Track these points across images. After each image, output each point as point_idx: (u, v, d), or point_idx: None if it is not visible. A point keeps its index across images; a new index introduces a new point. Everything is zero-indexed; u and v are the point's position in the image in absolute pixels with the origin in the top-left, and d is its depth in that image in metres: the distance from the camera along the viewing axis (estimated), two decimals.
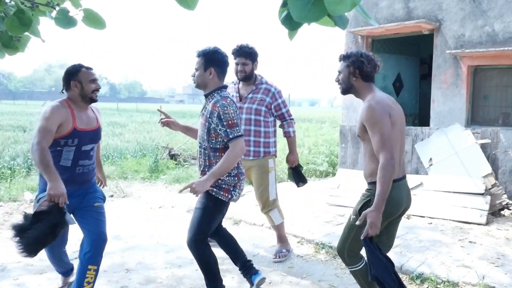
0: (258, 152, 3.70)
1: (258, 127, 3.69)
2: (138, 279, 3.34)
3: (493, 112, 6.28)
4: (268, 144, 3.74)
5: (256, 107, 3.66)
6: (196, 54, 2.79)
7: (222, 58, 2.74)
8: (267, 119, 3.71)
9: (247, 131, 3.63)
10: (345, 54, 2.56)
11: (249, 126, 3.66)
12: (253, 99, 3.66)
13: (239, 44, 3.66)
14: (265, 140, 3.72)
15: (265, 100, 3.67)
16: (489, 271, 3.37)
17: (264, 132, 3.71)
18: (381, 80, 7.64)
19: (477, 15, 6.07)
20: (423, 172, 5.78)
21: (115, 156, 9.64)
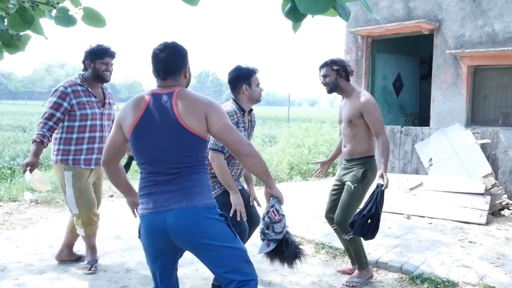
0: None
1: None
2: (138, 279, 3.34)
3: (493, 112, 6.28)
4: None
5: (112, 112, 3.60)
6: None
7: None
8: None
9: (105, 137, 3.36)
10: (331, 60, 3.13)
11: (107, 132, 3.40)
12: (110, 104, 3.56)
13: (105, 45, 3.37)
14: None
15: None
16: (489, 271, 3.37)
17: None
18: (381, 80, 7.64)
19: (477, 15, 6.07)
20: (423, 172, 5.78)
21: None
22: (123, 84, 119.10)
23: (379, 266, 3.57)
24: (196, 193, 1.92)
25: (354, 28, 7.08)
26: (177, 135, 1.91)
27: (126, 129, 1.97)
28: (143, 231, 1.94)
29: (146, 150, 1.94)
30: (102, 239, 4.32)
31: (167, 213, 1.87)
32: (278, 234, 2.11)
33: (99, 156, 3.30)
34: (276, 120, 24.05)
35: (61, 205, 5.69)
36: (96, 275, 3.42)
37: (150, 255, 1.98)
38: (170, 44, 2.02)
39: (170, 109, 1.91)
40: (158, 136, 1.92)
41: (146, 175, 1.96)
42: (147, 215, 1.90)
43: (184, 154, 1.93)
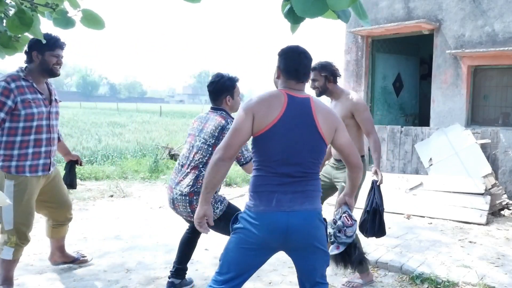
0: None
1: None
2: (138, 279, 3.34)
3: (493, 112, 6.28)
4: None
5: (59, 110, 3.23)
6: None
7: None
8: None
9: (53, 139, 3.05)
10: (320, 65, 3.15)
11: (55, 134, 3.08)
12: (57, 102, 3.16)
13: (56, 35, 2.99)
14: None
15: None
16: (489, 271, 3.37)
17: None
18: (381, 80, 7.64)
19: (477, 15, 6.07)
20: (423, 172, 5.78)
21: (115, 156, 9.65)
22: (123, 84, 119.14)
23: (379, 266, 3.57)
24: (316, 197, 2.02)
25: (354, 28, 7.08)
26: (313, 140, 1.97)
27: (261, 124, 1.92)
28: (257, 226, 1.94)
29: (279, 149, 1.94)
30: (102, 239, 4.33)
31: (290, 213, 1.92)
32: (349, 238, 2.26)
33: (46, 161, 2.93)
34: None
35: None
36: (96, 275, 3.42)
37: (252, 246, 1.97)
38: (306, 50, 2.08)
39: (310, 114, 1.96)
40: (295, 138, 1.94)
41: (269, 174, 1.96)
42: (269, 213, 1.93)
43: (313, 160, 2.00)
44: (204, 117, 2.90)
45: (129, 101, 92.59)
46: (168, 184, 2.89)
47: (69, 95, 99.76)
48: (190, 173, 2.75)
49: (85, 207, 5.67)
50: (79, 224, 4.88)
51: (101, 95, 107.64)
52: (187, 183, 2.72)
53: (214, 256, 3.85)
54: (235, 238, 2.01)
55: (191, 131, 2.93)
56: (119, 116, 27.24)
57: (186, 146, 2.92)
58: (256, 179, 2.00)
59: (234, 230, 2.02)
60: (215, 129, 2.76)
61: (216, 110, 2.89)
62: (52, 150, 2.99)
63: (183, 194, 2.72)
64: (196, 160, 2.76)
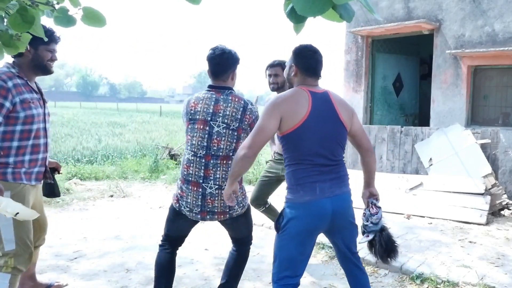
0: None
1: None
2: (138, 279, 3.34)
3: (493, 112, 6.28)
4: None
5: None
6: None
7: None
8: None
9: (49, 144, 2.72)
10: (283, 62, 3.20)
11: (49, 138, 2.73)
12: (46, 102, 2.82)
13: (51, 28, 2.69)
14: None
15: None
16: (489, 271, 3.37)
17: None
18: (381, 80, 7.64)
19: (477, 15, 6.07)
20: (423, 172, 5.78)
21: (115, 156, 9.65)
22: (123, 84, 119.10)
23: (379, 266, 3.56)
24: (347, 179, 2.25)
25: (354, 28, 7.08)
26: (338, 130, 2.18)
27: (292, 121, 2.07)
28: (307, 215, 2.10)
29: (313, 142, 2.10)
30: (102, 239, 4.33)
31: (333, 198, 2.12)
32: (376, 225, 2.37)
33: (41, 169, 2.58)
34: None
35: (61, 205, 5.69)
36: (96, 275, 3.42)
37: (304, 236, 2.13)
38: (317, 48, 2.26)
39: (332, 107, 2.16)
40: (324, 130, 2.12)
41: (308, 166, 2.11)
42: (315, 201, 2.09)
43: (340, 148, 2.21)
44: (210, 98, 2.50)
45: (129, 101, 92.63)
46: (186, 180, 2.49)
47: (69, 95, 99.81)
48: (222, 165, 2.46)
49: (85, 207, 5.67)
50: (79, 224, 4.88)
51: (101, 95, 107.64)
52: (223, 176, 2.45)
53: (214, 256, 3.85)
54: (285, 234, 2.13)
55: (197, 115, 2.50)
56: (119, 116, 27.23)
57: (196, 134, 2.49)
58: (296, 172, 2.13)
59: (283, 228, 2.14)
60: (236, 111, 2.46)
61: (222, 89, 2.53)
62: (47, 157, 2.66)
63: (223, 187, 2.43)
64: (222, 148, 2.45)
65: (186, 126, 2.57)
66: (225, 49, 2.54)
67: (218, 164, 2.45)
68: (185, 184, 2.49)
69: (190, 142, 2.51)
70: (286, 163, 2.16)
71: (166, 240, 2.65)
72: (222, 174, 2.45)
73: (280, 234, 2.16)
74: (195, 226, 2.64)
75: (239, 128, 2.47)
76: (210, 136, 2.46)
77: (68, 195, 6.19)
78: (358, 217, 2.31)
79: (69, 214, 5.31)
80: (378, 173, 5.93)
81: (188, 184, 2.47)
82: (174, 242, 2.65)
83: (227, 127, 2.45)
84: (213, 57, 2.53)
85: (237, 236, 2.71)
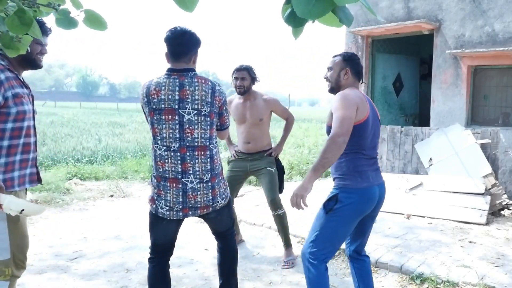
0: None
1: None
2: (138, 279, 3.34)
3: (493, 112, 6.29)
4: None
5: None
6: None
7: None
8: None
9: (37, 143, 2.48)
10: (250, 67, 3.75)
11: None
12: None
13: (41, 19, 2.37)
14: None
15: None
16: (489, 271, 3.37)
17: None
18: (381, 80, 7.64)
19: (477, 15, 6.07)
20: (423, 172, 5.78)
21: (115, 156, 9.65)
22: (123, 84, 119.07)
23: (379, 266, 3.57)
24: (381, 171, 2.53)
25: (354, 28, 7.08)
26: (379, 128, 2.49)
27: (360, 115, 2.30)
28: (363, 200, 2.33)
29: (369, 136, 2.37)
30: (102, 239, 4.33)
31: (380, 185, 2.42)
32: None
33: (33, 170, 2.35)
34: (276, 120, 24.05)
35: (61, 205, 5.69)
36: (96, 275, 3.42)
37: (356, 218, 2.36)
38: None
39: (374, 107, 2.46)
40: (374, 127, 2.40)
41: (364, 156, 2.37)
42: (370, 187, 2.35)
43: (378, 143, 2.54)
44: (173, 83, 2.26)
45: (129, 101, 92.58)
46: (163, 177, 2.29)
47: (69, 95, 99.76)
48: (200, 156, 2.28)
49: (85, 207, 5.67)
50: (79, 224, 4.88)
51: (101, 95, 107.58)
52: (203, 168, 2.29)
53: (214, 256, 3.85)
54: (337, 216, 2.31)
55: (162, 104, 2.25)
56: (119, 116, 27.22)
57: (164, 125, 2.26)
58: (356, 161, 2.36)
59: (335, 210, 2.31)
60: (206, 94, 2.27)
61: (186, 72, 2.30)
62: (37, 157, 2.44)
63: (204, 181, 2.29)
64: (197, 138, 2.27)
65: (149, 117, 2.31)
66: (186, 29, 2.33)
67: (196, 156, 2.27)
68: (162, 181, 2.28)
69: (159, 136, 2.27)
70: (344, 152, 2.30)
71: (154, 251, 2.44)
72: (202, 166, 2.28)
73: (331, 216, 2.31)
74: (181, 226, 2.46)
75: (211, 113, 2.30)
76: (181, 126, 2.24)
77: (68, 195, 6.19)
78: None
79: (69, 214, 5.31)
80: None
81: (165, 182, 2.27)
82: (163, 251, 2.45)
83: (198, 113, 2.25)
84: (174, 37, 2.31)
85: (221, 229, 2.57)
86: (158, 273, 2.44)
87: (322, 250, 2.31)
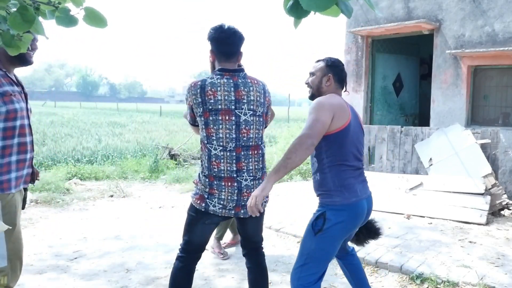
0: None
1: None
2: (138, 279, 3.34)
3: (493, 112, 6.29)
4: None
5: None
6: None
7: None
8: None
9: (33, 143, 2.42)
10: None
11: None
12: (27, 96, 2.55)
13: None
14: None
15: None
16: (489, 271, 3.37)
17: None
18: (381, 80, 7.64)
19: (477, 15, 6.07)
20: (423, 172, 5.78)
21: (115, 156, 9.65)
22: (123, 84, 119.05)
23: (379, 266, 3.57)
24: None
25: (354, 28, 7.08)
26: (362, 136, 2.35)
27: (339, 122, 2.15)
28: (352, 216, 2.19)
29: (352, 145, 2.21)
30: (102, 239, 4.33)
31: (367, 198, 2.27)
32: None
33: (29, 171, 2.31)
34: (276, 120, 24.05)
35: (61, 205, 5.69)
36: (96, 275, 3.42)
37: (345, 236, 2.24)
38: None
39: (357, 115, 2.33)
40: (357, 135, 2.26)
41: (349, 168, 2.20)
42: (359, 202, 2.20)
43: (363, 152, 2.35)
44: (228, 84, 2.25)
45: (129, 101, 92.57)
46: (217, 177, 2.27)
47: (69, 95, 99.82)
48: (253, 155, 2.31)
49: (85, 207, 5.67)
50: (79, 224, 4.88)
51: (101, 95, 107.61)
52: (256, 166, 2.32)
53: (214, 256, 3.85)
54: (327, 237, 2.15)
55: (218, 105, 2.23)
56: (119, 116, 27.21)
57: (221, 125, 2.24)
58: (340, 174, 2.18)
59: (324, 231, 2.14)
60: (260, 95, 2.32)
61: (237, 72, 2.31)
62: (33, 157, 2.38)
63: (257, 178, 2.32)
64: (252, 138, 2.29)
65: (203, 117, 2.24)
66: (235, 28, 2.33)
67: (250, 155, 2.29)
68: (216, 180, 2.26)
69: (215, 136, 2.24)
70: (327, 165, 2.16)
71: (186, 250, 2.38)
72: (255, 165, 2.31)
73: (320, 237, 2.14)
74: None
75: (263, 113, 2.36)
76: (238, 126, 2.25)
77: (68, 195, 6.19)
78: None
79: (69, 214, 5.31)
80: (378, 173, 5.94)
81: (220, 181, 2.26)
82: (196, 250, 2.40)
83: (254, 114, 2.29)
84: (226, 37, 2.29)
85: (256, 235, 2.49)
86: (185, 272, 2.39)
87: (314, 274, 2.17)
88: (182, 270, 2.38)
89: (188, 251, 2.38)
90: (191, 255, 2.39)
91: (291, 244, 4.15)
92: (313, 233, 2.15)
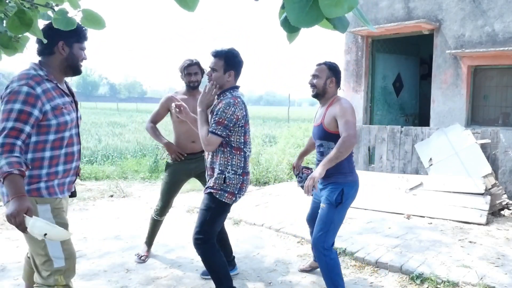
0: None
1: None
2: (138, 279, 3.34)
3: (493, 112, 6.28)
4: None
5: None
6: (213, 54, 2.75)
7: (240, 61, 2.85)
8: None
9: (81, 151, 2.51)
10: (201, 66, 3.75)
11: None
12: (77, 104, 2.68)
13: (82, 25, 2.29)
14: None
15: None
16: (489, 271, 3.37)
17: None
18: (381, 80, 7.64)
19: (477, 15, 6.07)
20: (423, 172, 5.78)
21: (115, 156, 9.65)
22: (123, 84, 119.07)
23: (379, 266, 3.57)
24: None
25: (354, 28, 7.08)
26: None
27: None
28: (356, 190, 2.87)
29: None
30: (102, 239, 4.33)
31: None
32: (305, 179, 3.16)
33: (73, 179, 2.35)
34: (276, 120, 24.08)
35: None
36: (96, 275, 3.42)
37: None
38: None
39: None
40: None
41: (352, 155, 2.91)
42: (357, 180, 2.89)
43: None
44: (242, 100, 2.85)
45: (129, 101, 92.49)
46: (247, 172, 2.82)
47: None
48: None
49: (85, 207, 5.67)
50: (79, 224, 4.88)
51: (101, 95, 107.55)
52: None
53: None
54: (344, 207, 2.81)
55: (247, 117, 2.82)
56: (119, 116, 27.22)
57: (249, 133, 2.84)
58: (350, 158, 2.83)
59: (344, 203, 2.77)
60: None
61: (237, 89, 2.85)
62: (79, 165, 2.43)
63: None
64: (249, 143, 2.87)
65: (244, 127, 2.76)
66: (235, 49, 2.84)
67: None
68: (246, 176, 2.81)
69: (249, 141, 2.83)
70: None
71: (212, 237, 2.81)
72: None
73: (340, 208, 2.76)
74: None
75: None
76: (249, 134, 2.86)
77: None
78: None
79: (69, 214, 5.30)
80: (378, 173, 5.94)
81: (247, 175, 2.83)
82: (215, 237, 2.86)
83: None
84: (239, 58, 2.79)
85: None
86: (217, 249, 2.82)
87: (332, 237, 2.79)
88: (216, 249, 2.80)
89: (213, 237, 2.82)
90: (214, 239, 2.84)
91: (291, 244, 4.15)
92: (334, 206, 2.73)
